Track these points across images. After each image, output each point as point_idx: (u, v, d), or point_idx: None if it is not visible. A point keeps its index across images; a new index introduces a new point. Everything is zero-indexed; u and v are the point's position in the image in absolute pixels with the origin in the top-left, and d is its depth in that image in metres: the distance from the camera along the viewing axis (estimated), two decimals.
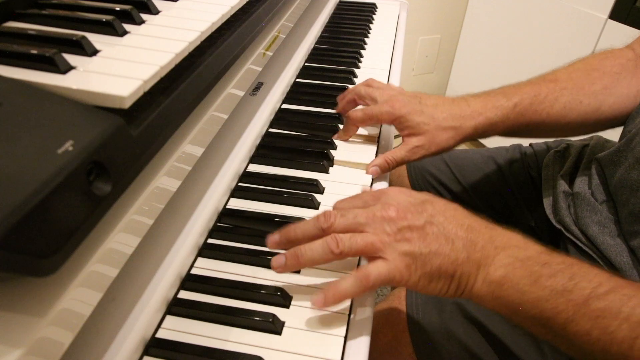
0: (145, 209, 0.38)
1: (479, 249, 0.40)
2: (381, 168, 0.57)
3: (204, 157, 0.49)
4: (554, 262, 0.38)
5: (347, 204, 0.45)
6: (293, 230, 0.43)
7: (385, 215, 0.41)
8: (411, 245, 0.39)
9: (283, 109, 0.68)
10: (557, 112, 0.58)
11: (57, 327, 0.29)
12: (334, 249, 0.39)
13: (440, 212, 0.41)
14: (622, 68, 0.60)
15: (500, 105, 0.57)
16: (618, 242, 0.54)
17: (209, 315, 0.41)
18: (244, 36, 0.53)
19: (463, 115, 0.57)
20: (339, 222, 0.41)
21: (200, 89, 0.43)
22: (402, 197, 0.43)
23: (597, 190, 0.59)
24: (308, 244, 0.41)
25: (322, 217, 0.42)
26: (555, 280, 0.37)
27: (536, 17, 1.50)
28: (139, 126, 0.34)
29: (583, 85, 0.59)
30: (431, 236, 0.40)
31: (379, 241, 0.40)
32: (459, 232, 0.40)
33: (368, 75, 0.79)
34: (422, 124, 0.56)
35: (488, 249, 0.40)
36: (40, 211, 0.24)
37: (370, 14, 1.02)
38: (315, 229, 0.42)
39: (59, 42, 0.35)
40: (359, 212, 0.41)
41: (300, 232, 0.42)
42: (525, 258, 0.39)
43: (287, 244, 0.43)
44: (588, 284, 0.36)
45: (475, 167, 0.78)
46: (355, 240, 0.40)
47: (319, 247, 0.40)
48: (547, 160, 0.72)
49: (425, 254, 0.39)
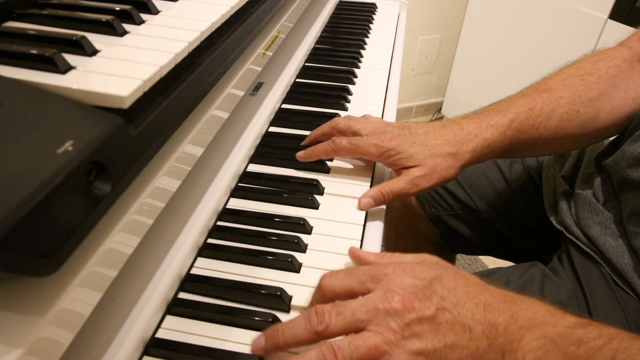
0: (145, 209, 0.38)
1: (501, 333, 0.34)
2: (375, 201, 0.51)
3: (204, 157, 0.49)
4: (590, 337, 0.33)
5: (339, 284, 0.37)
6: (281, 333, 0.36)
7: (388, 307, 0.34)
8: (423, 341, 0.33)
9: (283, 108, 0.68)
10: (555, 124, 0.55)
11: (57, 327, 0.29)
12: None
13: (451, 291, 0.35)
14: (618, 70, 0.57)
15: (495, 124, 0.53)
16: (620, 243, 0.54)
17: (209, 315, 0.41)
18: (244, 36, 0.53)
19: (458, 140, 0.52)
20: (335, 323, 0.34)
21: (200, 89, 0.43)
22: (406, 279, 0.36)
23: (599, 191, 0.59)
24: (300, 356, 0.34)
25: (315, 317, 0.35)
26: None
27: (536, 17, 1.50)
28: (139, 126, 0.34)
29: (579, 92, 0.55)
30: (445, 326, 0.34)
31: (384, 342, 0.33)
32: (476, 315, 0.34)
33: (368, 75, 0.79)
34: (416, 154, 0.51)
35: (512, 330, 0.34)
36: (40, 211, 0.24)
37: (370, 14, 1.02)
38: (308, 332, 0.35)
39: (59, 42, 0.35)
40: (357, 307, 0.35)
41: (290, 336, 0.36)
42: (556, 337, 0.33)
43: (275, 350, 0.37)
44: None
45: (475, 168, 0.78)
46: (356, 347, 0.33)
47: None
48: (548, 160, 0.72)
49: (440, 349, 0.33)
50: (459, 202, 0.78)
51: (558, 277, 0.59)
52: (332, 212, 0.52)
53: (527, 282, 0.58)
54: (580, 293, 0.56)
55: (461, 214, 0.78)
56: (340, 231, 0.49)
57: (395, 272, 0.36)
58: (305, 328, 0.35)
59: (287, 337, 0.36)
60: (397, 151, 0.51)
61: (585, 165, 0.64)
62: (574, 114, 0.55)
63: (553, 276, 0.59)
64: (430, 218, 0.81)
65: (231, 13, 0.50)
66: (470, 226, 0.79)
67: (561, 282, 0.58)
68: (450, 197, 0.78)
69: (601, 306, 0.54)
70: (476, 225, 0.78)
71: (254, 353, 0.38)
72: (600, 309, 0.54)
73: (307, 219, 0.50)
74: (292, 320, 0.36)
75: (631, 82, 0.57)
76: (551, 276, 0.59)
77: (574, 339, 0.33)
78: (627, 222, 0.54)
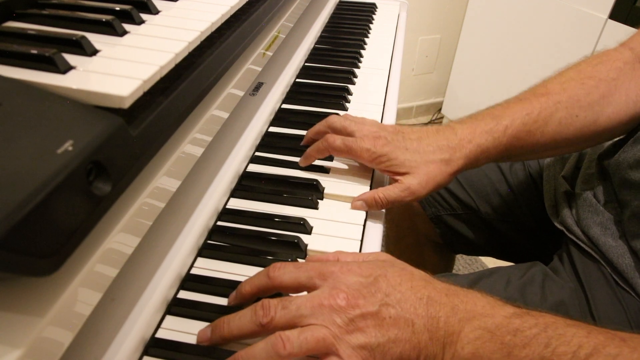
0: (145, 209, 0.38)
1: (442, 326, 0.35)
2: (368, 204, 0.51)
3: (204, 157, 0.49)
4: (525, 327, 0.34)
5: (287, 277, 0.38)
6: (227, 325, 0.37)
7: (333, 304, 0.35)
8: (366, 336, 0.34)
9: (283, 108, 0.68)
10: (553, 129, 0.54)
11: (57, 327, 0.29)
12: (281, 350, 0.34)
13: (395, 287, 0.36)
14: (619, 73, 0.55)
15: (489, 130, 0.52)
16: (620, 243, 0.54)
17: (209, 315, 0.41)
18: (244, 36, 0.53)
19: (451, 146, 0.51)
20: (280, 316, 0.35)
21: (200, 89, 0.43)
22: (351, 278, 0.37)
23: (599, 192, 0.59)
24: (249, 349, 0.35)
25: (261, 310, 0.36)
26: (530, 350, 0.33)
27: (536, 17, 1.50)
28: (139, 126, 0.34)
29: (578, 97, 0.54)
30: (388, 321, 0.35)
31: (331, 335, 0.34)
32: (418, 310, 0.36)
33: (368, 75, 0.79)
34: (408, 161, 0.51)
35: (452, 323, 0.35)
36: (40, 211, 0.24)
37: (370, 14, 1.02)
38: (253, 325, 0.36)
39: (59, 42, 0.35)
40: (302, 302, 0.36)
41: (235, 327, 0.36)
42: (494, 327, 0.35)
43: (220, 341, 0.37)
44: (567, 347, 0.33)
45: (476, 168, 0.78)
46: (305, 338, 0.34)
47: (263, 352, 0.34)
48: (549, 161, 0.72)
49: (383, 344, 0.34)
50: (459, 202, 0.78)
51: (559, 276, 0.59)
52: (332, 212, 0.52)
53: (528, 282, 0.58)
54: (581, 293, 0.56)
55: (462, 214, 0.78)
56: (340, 231, 0.49)
57: (341, 271, 0.38)
58: (251, 320, 0.36)
59: (232, 328, 0.37)
60: (389, 157, 0.51)
61: (586, 166, 0.64)
62: (573, 118, 0.54)
63: (554, 276, 0.59)
64: (430, 218, 0.81)
65: (231, 13, 0.50)
66: (471, 226, 0.79)
67: (562, 282, 0.58)
68: (450, 197, 0.78)
69: (602, 306, 0.54)
70: (477, 225, 0.78)
71: (198, 342, 0.38)
72: (602, 308, 0.54)
73: (307, 219, 0.50)
74: (238, 312, 0.37)
75: (632, 84, 0.56)
76: (552, 276, 0.59)
77: (510, 329, 0.34)
78: (627, 224, 0.54)
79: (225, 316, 0.38)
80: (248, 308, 0.37)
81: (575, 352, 0.33)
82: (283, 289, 0.39)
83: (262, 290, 0.39)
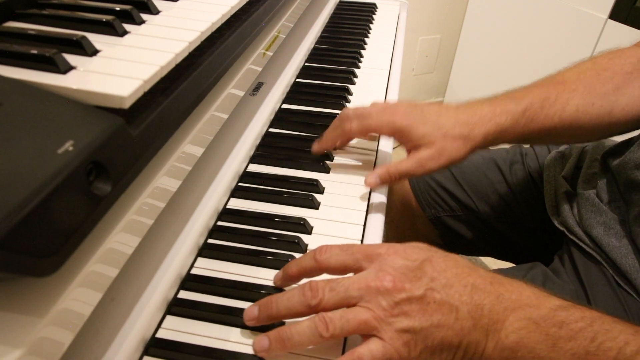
0: (145, 209, 0.38)
1: (486, 313, 0.35)
2: (382, 179, 0.52)
3: (204, 157, 0.49)
4: (571, 320, 0.34)
5: (334, 259, 0.39)
6: (275, 305, 0.38)
7: (380, 286, 0.36)
8: (410, 320, 0.35)
9: (283, 109, 0.68)
10: (570, 115, 0.54)
11: (57, 327, 0.29)
12: (324, 332, 0.35)
13: (441, 272, 0.37)
14: (633, 67, 0.56)
15: (509, 110, 0.53)
16: (624, 243, 0.54)
17: (209, 315, 0.41)
18: (244, 36, 0.53)
19: (471, 122, 0.52)
20: (329, 298, 0.36)
21: (200, 89, 0.43)
22: (398, 260, 0.37)
23: (603, 191, 0.59)
24: (294, 326, 0.36)
25: (309, 291, 0.37)
26: (576, 343, 0.33)
27: (536, 17, 1.50)
28: (139, 126, 0.34)
29: (594, 86, 0.55)
30: (433, 306, 0.35)
31: (374, 318, 0.35)
32: (463, 297, 0.36)
33: (368, 75, 0.79)
34: (428, 135, 0.51)
35: (496, 311, 0.36)
36: (40, 211, 0.24)
37: (370, 14, 1.02)
38: (302, 306, 0.37)
39: (59, 42, 0.35)
40: (350, 284, 0.36)
41: (283, 308, 0.37)
42: (539, 319, 0.35)
43: (267, 320, 0.38)
44: (613, 343, 0.33)
45: (475, 169, 0.78)
46: (347, 320, 0.35)
47: (307, 330, 0.35)
48: (548, 161, 0.72)
49: (426, 328, 0.35)
50: (459, 203, 0.78)
51: (560, 278, 0.59)
52: (332, 212, 0.52)
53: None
54: (582, 294, 0.56)
55: (461, 215, 0.78)
56: (341, 231, 0.49)
57: (388, 253, 0.38)
58: (299, 301, 0.37)
59: (280, 308, 0.37)
60: (409, 130, 0.51)
61: (588, 165, 0.64)
62: (589, 106, 0.54)
63: (554, 277, 0.59)
64: (430, 219, 0.81)
65: (231, 13, 0.50)
66: (471, 227, 0.79)
67: (563, 284, 0.58)
68: (450, 198, 0.78)
69: (603, 307, 0.53)
70: (476, 226, 0.78)
71: (245, 322, 0.39)
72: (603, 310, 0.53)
73: (307, 219, 0.50)
74: (287, 292, 0.38)
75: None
76: (552, 277, 0.59)
77: (556, 321, 0.34)
78: (633, 224, 0.53)
79: (273, 295, 0.38)
80: (296, 289, 0.38)
81: (622, 348, 0.32)
82: (330, 271, 0.39)
83: (309, 272, 0.40)
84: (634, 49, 0.59)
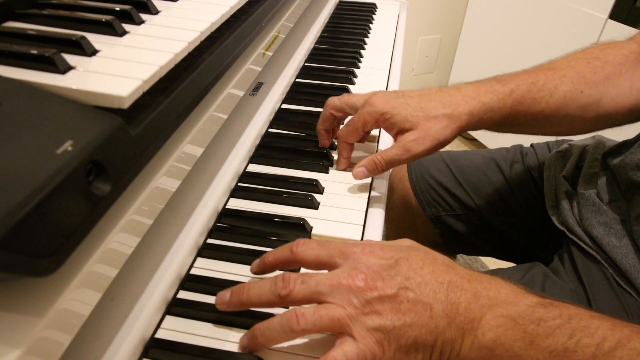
0: (145, 209, 0.38)
1: (462, 311, 0.35)
2: (368, 169, 0.52)
3: (203, 157, 0.49)
4: (549, 317, 0.34)
5: (309, 253, 0.39)
6: (246, 291, 0.38)
7: (352, 284, 0.35)
8: (382, 318, 0.35)
9: (283, 109, 0.68)
10: (557, 101, 0.54)
11: (57, 327, 0.29)
12: (294, 326, 0.35)
13: (416, 270, 0.36)
14: (625, 59, 0.56)
15: (495, 90, 0.52)
16: (624, 243, 0.54)
17: (208, 315, 0.41)
18: (244, 36, 0.53)
19: (454, 101, 0.51)
20: (299, 290, 0.36)
21: (200, 89, 0.43)
22: (372, 259, 0.37)
23: (603, 191, 0.59)
24: (265, 322, 0.36)
25: (281, 281, 0.37)
26: (553, 340, 0.33)
27: (536, 17, 1.50)
28: (139, 126, 0.33)
29: (584, 73, 0.55)
30: (405, 305, 0.35)
31: (346, 315, 0.35)
32: (438, 294, 0.35)
33: (368, 75, 0.79)
34: (410, 117, 0.50)
35: (473, 309, 0.35)
36: (39, 211, 0.24)
37: (370, 14, 1.02)
38: (272, 295, 0.37)
39: (59, 42, 0.35)
40: (322, 279, 0.36)
41: (254, 295, 0.37)
42: (517, 316, 0.34)
43: (237, 306, 0.38)
44: (591, 340, 0.33)
45: (476, 168, 0.78)
46: (319, 316, 0.35)
47: (277, 325, 0.36)
48: (549, 161, 0.72)
49: (398, 327, 0.34)
50: (459, 202, 0.78)
51: (559, 277, 0.59)
52: (332, 212, 0.52)
53: (528, 283, 0.58)
54: (582, 294, 0.56)
55: (461, 214, 0.78)
56: (340, 231, 0.49)
57: (363, 252, 0.38)
58: (270, 290, 0.37)
59: (251, 295, 0.37)
60: (392, 114, 0.51)
61: (588, 165, 0.64)
62: (578, 93, 0.54)
63: (554, 277, 0.59)
64: (430, 218, 0.81)
65: (231, 13, 0.49)
66: (471, 226, 0.79)
67: (563, 283, 0.58)
68: (450, 197, 0.78)
69: (603, 307, 0.53)
70: (476, 226, 0.78)
71: (216, 305, 0.39)
72: (603, 309, 0.53)
73: (307, 219, 0.50)
74: (259, 281, 0.38)
75: (637, 74, 0.56)
76: (552, 277, 0.59)
77: (534, 318, 0.34)
78: (634, 223, 0.53)
79: (246, 282, 0.39)
80: (269, 278, 0.38)
81: (599, 344, 0.32)
82: (304, 264, 0.40)
83: (284, 263, 0.40)
84: (627, 42, 0.59)
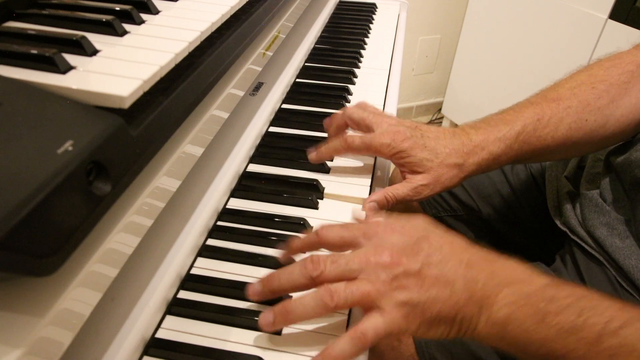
0: (145, 209, 0.38)
1: (479, 288, 0.37)
2: (380, 205, 0.52)
3: (204, 157, 0.49)
4: (560, 296, 0.36)
5: (333, 234, 0.40)
6: (277, 278, 0.39)
7: (379, 260, 0.37)
8: (408, 293, 0.36)
9: (283, 108, 0.68)
10: (562, 134, 0.54)
11: (57, 327, 0.29)
12: (329, 302, 0.36)
13: (437, 249, 0.38)
14: (631, 76, 0.56)
15: (502, 137, 0.53)
16: (627, 244, 0.54)
17: (208, 315, 0.41)
18: (244, 36, 0.53)
19: (466, 151, 0.52)
20: (330, 270, 0.37)
21: (200, 89, 0.43)
22: (395, 237, 0.39)
23: (606, 191, 0.59)
24: (298, 298, 0.37)
25: (310, 264, 0.38)
26: (563, 317, 0.34)
27: (536, 17, 1.50)
28: (139, 126, 0.34)
29: (588, 101, 0.55)
30: (429, 280, 0.37)
31: (375, 291, 0.36)
32: (458, 271, 0.37)
33: (368, 75, 0.79)
34: (425, 161, 0.51)
35: (490, 286, 0.37)
36: (40, 211, 0.24)
37: (370, 14, 1.02)
38: (303, 278, 0.38)
39: (59, 42, 0.35)
40: (351, 258, 0.38)
41: (285, 281, 0.38)
42: (530, 294, 0.36)
43: (270, 295, 0.39)
44: (599, 319, 0.34)
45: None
46: (351, 291, 0.36)
47: (312, 301, 0.37)
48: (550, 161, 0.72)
49: (423, 301, 0.36)
50: (460, 204, 0.78)
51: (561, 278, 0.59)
52: (332, 212, 0.52)
53: None
54: None
55: (463, 215, 0.78)
56: None
57: (385, 231, 0.40)
58: (301, 273, 0.38)
59: (282, 281, 0.39)
60: (409, 154, 0.52)
61: (590, 165, 0.64)
62: (583, 122, 0.54)
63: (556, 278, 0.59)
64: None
65: (231, 13, 0.50)
66: (472, 227, 0.78)
67: None
68: (451, 198, 0.78)
69: None
70: (478, 227, 0.78)
71: (249, 297, 0.40)
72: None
73: (307, 219, 0.50)
74: (289, 267, 0.39)
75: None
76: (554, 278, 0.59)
77: (545, 296, 0.36)
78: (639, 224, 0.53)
79: (275, 271, 0.40)
80: (297, 263, 0.39)
81: (607, 323, 0.34)
82: (329, 245, 0.41)
83: (309, 246, 0.42)
84: (632, 53, 0.58)
